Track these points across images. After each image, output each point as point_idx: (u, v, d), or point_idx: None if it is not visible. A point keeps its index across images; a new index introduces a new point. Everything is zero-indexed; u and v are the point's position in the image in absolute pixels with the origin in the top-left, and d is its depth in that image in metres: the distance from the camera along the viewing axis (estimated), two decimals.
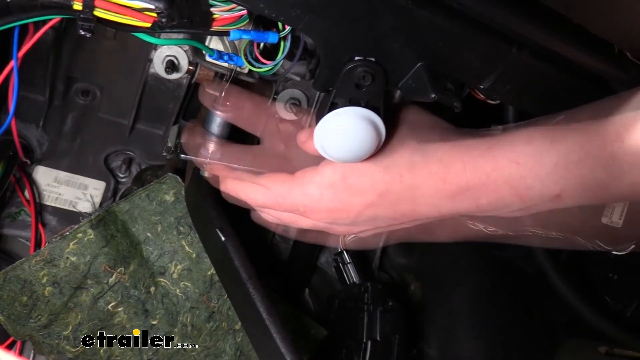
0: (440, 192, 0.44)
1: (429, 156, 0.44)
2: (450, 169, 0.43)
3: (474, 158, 0.43)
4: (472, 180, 0.43)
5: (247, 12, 0.43)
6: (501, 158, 0.42)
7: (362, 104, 0.43)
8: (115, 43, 0.60)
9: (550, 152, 0.40)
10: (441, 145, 0.44)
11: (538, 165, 0.40)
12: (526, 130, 0.42)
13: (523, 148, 0.41)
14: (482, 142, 0.43)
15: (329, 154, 0.44)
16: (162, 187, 0.62)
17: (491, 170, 0.42)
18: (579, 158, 0.38)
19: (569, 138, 0.40)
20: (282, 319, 0.50)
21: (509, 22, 0.41)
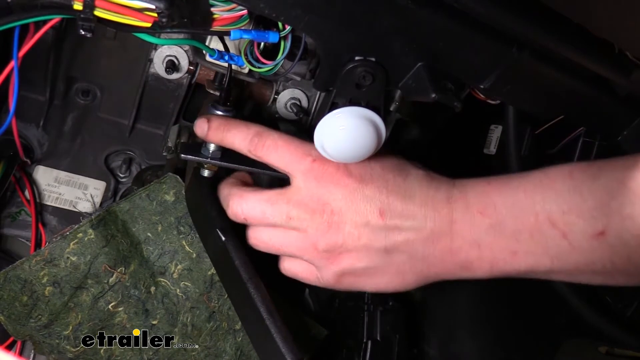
0: (478, 225, 0.44)
1: (467, 192, 0.45)
2: (488, 203, 0.44)
3: (509, 192, 0.44)
4: (509, 215, 0.43)
5: (247, 12, 0.43)
6: (539, 194, 0.42)
7: (362, 103, 0.43)
8: (115, 43, 0.60)
9: (590, 187, 0.40)
10: (480, 182, 0.46)
11: (580, 199, 0.40)
12: (568, 165, 0.42)
13: (563, 182, 0.42)
14: (515, 178, 0.45)
15: (329, 154, 0.44)
16: (162, 187, 0.62)
17: (531, 203, 0.42)
18: (619, 193, 0.38)
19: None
20: (282, 319, 0.50)
21: (510, 22, 0.41)
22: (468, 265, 0.46)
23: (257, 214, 0.48)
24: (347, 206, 0.46)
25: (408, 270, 0.47)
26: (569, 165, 0.43)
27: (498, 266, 0.45)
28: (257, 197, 0.48)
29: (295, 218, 0.47)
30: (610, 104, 0.48)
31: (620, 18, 0.41)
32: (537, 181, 0.43)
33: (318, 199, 0.47)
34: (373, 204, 0.46)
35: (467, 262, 0.46)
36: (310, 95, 0.62)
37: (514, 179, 0.44)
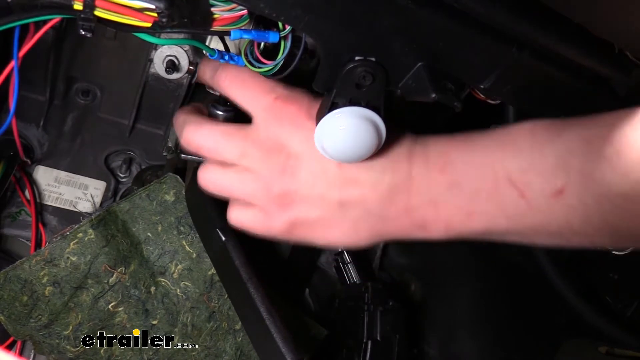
0: (437, 183, 0.44)
1: (428, 149, 0.45)
2: (447, 161, 0.44)
3: (470, 150, 0.43)
4: (468, 173, 0.43)
5: (247, 12, 0.43)
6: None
7: (362, 103, 0.43)
8: (115, 43, 0.60)
9: (552, 146, 0.40)
10: (442, 139, 0.45)
11: (540, 157, 0.40)
12: (530, 122, 0.42)
13: (525, 140, 0.41)
14: (476, 136, 0.44)
15: (329, 154, 0.44)
16: (162, 187, 0.62)
17: (490, 162, 0.42)
18: (582, 153, 0.38)
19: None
20: (282, 319, 0.50)
21: (510, 22, 0.41)
22: (424, 224, 0.45)
23: (210, 145, 0.46)
24: (305, 151, 0.45)
25: (362, 226, 0.46)
26: (532, 122, 0.42)
27: (453, 227, 0.44)
28: (213, 127, 0.47)
29: (250, 157, 0.45)
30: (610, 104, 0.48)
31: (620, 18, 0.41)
32: (498, 139, 0.42)
33: (276, 140, 0.45)
34: None
35: (423, 221, 0.45)
36: None
37: (475, 137, 0.44)
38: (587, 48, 0.44)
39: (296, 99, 0.46)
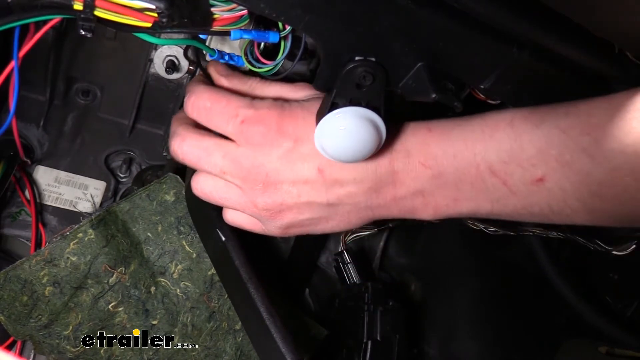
0: (421, 176, 0.45)
1: (407, 141, 0.46)
2: (429, 154, 0.45)
3: (450, 141, 0.44)
4: (451, 166, 0.44)
5: (247, 12, 0.43)
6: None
7: (362, 104, 0.43)
8: (115, 43, 0.60)
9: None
10: (421, 129, 0.46)
11: (520, 149, 0.42)
12: (509, 113, 0.43)
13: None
14: (455, 127, 0.45)
15: (329, 154, 0.44)
16: (162, 187, 0.62)
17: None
18: (559, 141, 0.39)
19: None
20: (282, 319, 0.50)
21: (510, 22, 0.41)
22: (413, 210, 0.47)
23: (192, 159, 0.47)
24: (283, 166, 0.45)
25: (354, 216, 0.48)
26: (510, 112, 0.43)
27: (441, 211, 0.47)
28: (196, 141, 0.47)
29: (230, 174, 0.46)
30: None
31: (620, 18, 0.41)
32: (478, 130, 0.43)
33: (252, 161, 0.45)
34: (311, 162, 0.45)
35: (412, 208, 0.47)
36: None
37: (455, 129, 0.44)
38: (587, 48, 0.44)
39: (263, 117, 0.45)
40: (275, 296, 0.63)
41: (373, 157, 0.45)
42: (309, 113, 0.45)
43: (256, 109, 0.45)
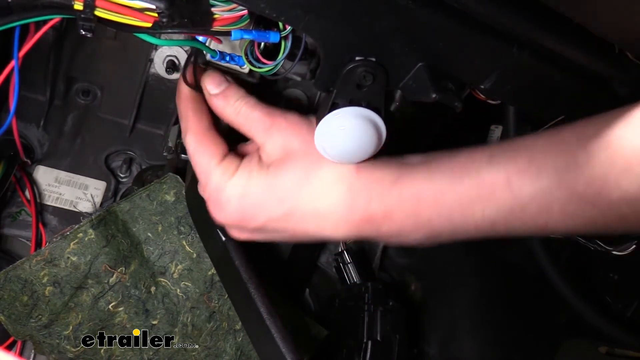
0: (344, 219, 0.46)
1: (339, 184, 0.45)
2: (356, 201, 0.45)
3: (379, 192, 0.44)
4: (375, 211, 0.44)
5: (247, 12, 0.43)
6: (405, 193, 0.44)
7: (363, 104, 0.43)
8: (115, 43, 0.60)
9: (448, 192, 0.42)
10: (352, 173, 0.45)
11: (437, 203, 0.43)
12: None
13: (424, 185, 0.43)
14: (390, 174, 0.45)
15: (330, 155, 0.44)
16: (162, 187, 0.62)
17: (395, 204, 0.44)
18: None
19: (465, 181, 0.42)
20: (282, 319, 0.50)
21: (510, 22, 0.41)
22: (400, 242, 0.48)
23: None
24: (269, 223, 0.47)
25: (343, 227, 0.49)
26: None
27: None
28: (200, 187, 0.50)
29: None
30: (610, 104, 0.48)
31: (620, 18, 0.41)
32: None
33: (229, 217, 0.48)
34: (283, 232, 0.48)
35: (399, 239, 0.47)
36: (310, 96, 0.62)
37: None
38: (588, 48, 0.44)
39: (224, 194, 0.47)
40: (276, 296, 0.64)
41: (355, 222, 0.46)
42: (270, 192, 0.46)
43: (218, 182, 0.47)
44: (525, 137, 0.43)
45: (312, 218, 0.46)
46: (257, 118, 0.47)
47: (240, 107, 0.48)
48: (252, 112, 0.48)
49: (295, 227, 0.47)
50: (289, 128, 0.47)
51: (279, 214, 0.46)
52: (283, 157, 0.46)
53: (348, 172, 0.45)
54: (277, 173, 0.46)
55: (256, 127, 0.47)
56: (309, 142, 0.45)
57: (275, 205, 0.46)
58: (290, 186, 0.46)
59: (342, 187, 0.45)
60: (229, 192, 0.47)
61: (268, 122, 0.47)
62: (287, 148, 0.46)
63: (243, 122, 0.48)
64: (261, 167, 0.47)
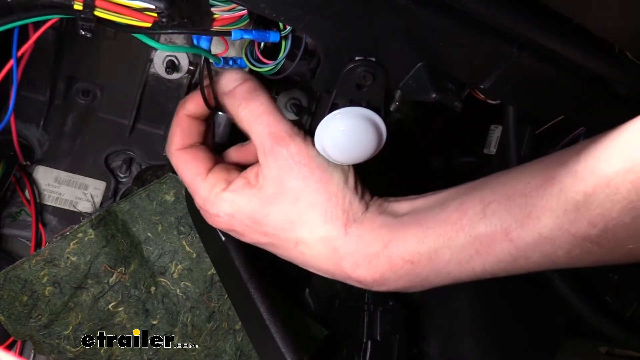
0: (331, 271, 0.46)
1: (326, 242, 0.44)
2: (343, 263, 0.44)
3: (369, 257, 0.43)
4: (364, 276, 0.44)
5: (247, 12, 0.43)
6: (396, 257, 0.43)
7: (363, 104, 0.43)
8: (115, 43, 0.60)
9: (444, 251, 0.41)
10: (340, 234, 0.44)
11: (433, 263, 0.42)
12: (417, 223, 0.42)
13: (417, 246, 0.42)
14: (379, 238, 0.43)
15: (330, 155, 0.44)
16: (162, 187, 0.62)
17: (386, 269, 0.43)
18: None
19: (460, 236, 0.40)
20: (282, 319, 0.50)
21: (510, 22, 0.41)
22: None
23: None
24: (274, 239, 0.47)
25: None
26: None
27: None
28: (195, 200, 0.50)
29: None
30: (610, 104, 0.48)
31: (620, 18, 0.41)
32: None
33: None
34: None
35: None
36: (310, 96, 0.62)
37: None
38: (587, 48, 0.44)
39: (214, 207, 0.47)
40: (275, 296, 0.64)
41: (342, 278, 0.46)
42: (256, 223, 0.46)
43: (206, 208, 0.47)
44: (514, 177, 0.41)
45: (297, 257, 0.47)
46: (259, 134, 0.45)
47: (248, 111, 0.45)
48: (257, 123, 0.45)
49: (282, 254, 0.48)
50: (288, 160, 0.44)
51: (264, 242, 0.47)
52: (275, 193, 0.44)
53: (337, 232, 0.44)
54: (266, 208, 0.45)
55: (257, 144, 0.45)
56: (306, 184, 0.44)
57: (260, 235, 0.47)
58: (276, 228, 0.45)
59: (328, 247, 0.44)
60: (219, 207, 0.46)
61: (268, 145, 0.44)
62: (281, 184, 0.44)
63: (248, 129, 0.46)
64: (253, 191, 0.45)
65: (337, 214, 0.44)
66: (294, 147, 0.44)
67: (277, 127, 0.44)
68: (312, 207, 0.44)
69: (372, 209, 0.46)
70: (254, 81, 0.46)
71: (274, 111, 0.45)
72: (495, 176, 0.43)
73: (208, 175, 0.47)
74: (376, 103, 0.44)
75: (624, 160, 0.35)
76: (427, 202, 0.45)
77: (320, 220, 0.44)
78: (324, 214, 0.44)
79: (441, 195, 0.45)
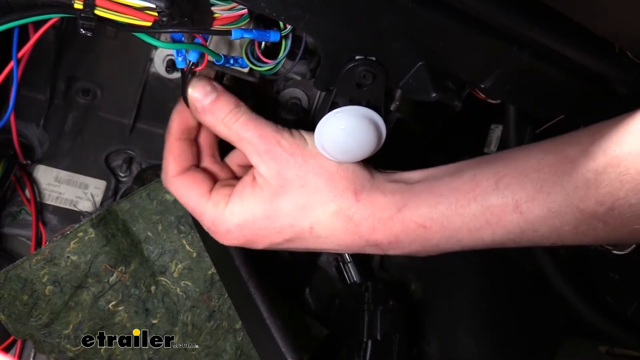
0: (348, 242, 0.46)
1: (340, 215, 0.45)
2: (359, 230, 0.45)
3: (384, 220, 0.44)
4: (381, 239, 0.45)
5: (247, 11, 0.43)
6: (409, 221, 0.44)
7: (363, 103, 0.43)
8: (116, 42, 0.60)
9: (455, 218, 0.42)
10: (352, 202, 0.45)
11: (444, 229, 0.43)
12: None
13: (429, 212, 0.43)
14: (392, 202, 0.44)
15: (330, 154, 0.44)
16: (162, 186, 0.62)
17: (400, 231, 0.44)
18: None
19: (472, 206, 0.42)
20: (282, 318, 0.50)
21: (510, 22, 0.41)
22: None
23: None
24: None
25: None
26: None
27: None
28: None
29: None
30: (610, 103, 0.48)
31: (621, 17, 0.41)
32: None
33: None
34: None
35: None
36: (310, 95, 0.62)
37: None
38: (588, 47, 0.44)
39: (223, 225, 0.47)
40: (276, 295, 0.64)
41: (359, 246, 0.46)
42: (269, 222, 0.46)
43: (215, 228, 0.47)
44: (528, 153, 0.42)
45: (314, 243, 0.47)
46: (249, 140, 0.45)
47: (231, 123, 0.46)
48: (244, 131, 0.45)
49: (298, 246, 0.48)
50: (283, 154, 0.45)
51: (280, 240, 0.47)
52: (279, 186, 0.45)
53: (348, 202, 0.45)
54: (274, 202, 0.46)
55: (249, 149, 0.46)
56: (305, 170, 0.45)
57: (275, 234, 0.47)
58: (289, 218, 0.46)
59: (343, 218, 0.45)
60: (228, 223, 0.47)
61: (262, 147, 0.45)
62: (283, 177, 0.45)
63: (235, 140, 0.46)
64: (255, 192, 0.46)
65: (344, 186, 0.45)
66: (284, 142, 0.45)
67: (264, 129, 0.46)
68: (318, 189, 0.45)
69: (379, 176, 0.47)
70: (228, 93, 0.47)
71: (256, 117, 0.46)
72: (509, 151, 0.44)
73: (211, 194, 0.48)
74: (376, 102, 0.44)
75: (636, 143, 0.36)
76: (439, 172, 0.46)
77: (329, 197, 0.45)
78: (331, 190, 0.45)
79: (453, 166, 0.46)
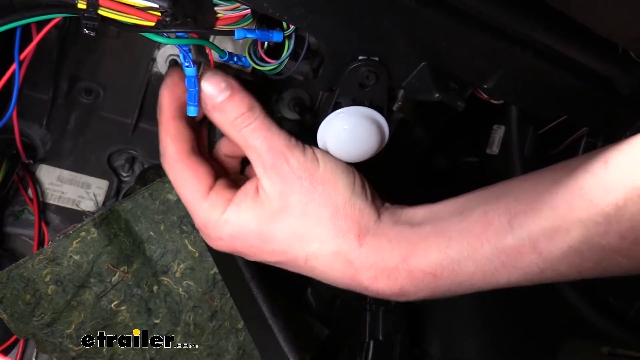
0: (346, 284, 0.44)
1: (339, 256, 0.42)
2: (359, 276, 0.43)
3: (388, 270, 0.42)
4: (383, 289, 0.42)
5: (250, 11, 0.43)
6: (417, 271, 0.41)
7: (365, 103, 0.43)
8: (118, 42, 0.60)
9: (467, 262, 0.40)
10: (354, 246, 0.42)
11: (455, 274, 0.40)
12: (437, 233, 0.40)
13: (439, 258, 0.40)
14: (398, 249, 0.41)
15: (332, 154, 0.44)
16: (165, 186, 0.62)
17: (406, 282, 0.41)
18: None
19: (486, 248, 0.39)
20: (284, 318, 0.50)
21: (513, 22, 0.41)
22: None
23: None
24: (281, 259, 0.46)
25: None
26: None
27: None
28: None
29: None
30: (613, 104, 0.48)
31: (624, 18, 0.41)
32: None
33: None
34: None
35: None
36: (313, 95, 0.62)
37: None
38: (591, 48, 0.44)
39: (215, 231, 0.44)
40: (277, 295, 0.64)
41: (359, 289, 0.44)
42: (262, 242, 0.44)
43: (207, 231, 0.45)
44: (538, 183, 0.40)
45: (308, 272, 0.45)
46: (257, 149, 0.43)
47: (241, 127, 0.43)
48: (254, 139, 0.42)
49: (291, 269, 0.46)
50: (290, 175, 0.42)
51: (272, 261, 0.45)
52: (279, 208, 0.42)
53: (350, 244, 0.42)
54: (271, 225, 0.43)
55: (255, 160, 0.43)
56: (310, 198, 0.42)
57: (267, 254, 0.44)
58: (283, 245, 0.43)
59: (342, 260, 0.42)
60: (221, 231, 0.44)
61: (269, 161, 0.42)
62: (285, 199, 0.42)
63: (242, 146, 0.44)
64: (255, 206, 0.43)
65: (348, 226, 0.42)
66: (294, 161, 0.42)
67: (275, 141, 0.42)
68: (319, 222, 0.42)
69: (385, 217, 0.44)
70: (243, 93, 0.44)
71: (271, 124, 0.43)
72: (518, 182, 0.42)
73: (210, 193, 0.44)
74: (379, 102, 0.44)
75: None
76: (445, 210, 0.43)
77: (330, 235, 0.42)
78: (334, 228, 0.42)
79: (459, 202, 0.43)
